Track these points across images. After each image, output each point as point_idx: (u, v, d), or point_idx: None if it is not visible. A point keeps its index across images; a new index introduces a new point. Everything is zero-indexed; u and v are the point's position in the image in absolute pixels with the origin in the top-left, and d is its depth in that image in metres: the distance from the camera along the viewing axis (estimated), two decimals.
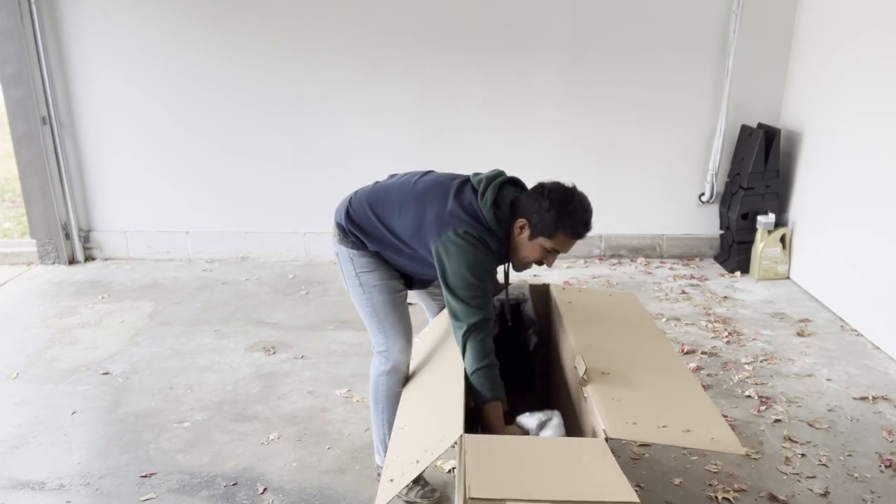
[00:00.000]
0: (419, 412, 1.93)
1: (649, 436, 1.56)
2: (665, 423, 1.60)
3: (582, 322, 2.13)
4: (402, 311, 2.15)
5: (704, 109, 4.39)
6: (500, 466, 1.47)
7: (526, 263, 1.97)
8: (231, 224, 4.65)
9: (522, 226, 1.90)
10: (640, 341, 2.08)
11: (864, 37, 3.50)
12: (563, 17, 4.22)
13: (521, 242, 1.92)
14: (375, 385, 2.18)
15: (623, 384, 1.78)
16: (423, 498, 2.23)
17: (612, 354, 1.94)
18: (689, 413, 1.67)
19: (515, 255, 1.96)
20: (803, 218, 4.11)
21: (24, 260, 4.63)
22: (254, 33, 4.29)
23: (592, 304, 2.31)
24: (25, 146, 4.40)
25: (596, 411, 1.64)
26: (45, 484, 2.38)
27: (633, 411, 1.65)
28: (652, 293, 4.04)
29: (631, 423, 1.59)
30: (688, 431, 1.57)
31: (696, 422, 1.62)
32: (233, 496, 2.30)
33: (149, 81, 4.40)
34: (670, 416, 1.64)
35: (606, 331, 2.11)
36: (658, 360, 1.97)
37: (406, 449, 1.72)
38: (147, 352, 3.35)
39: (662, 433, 1.57)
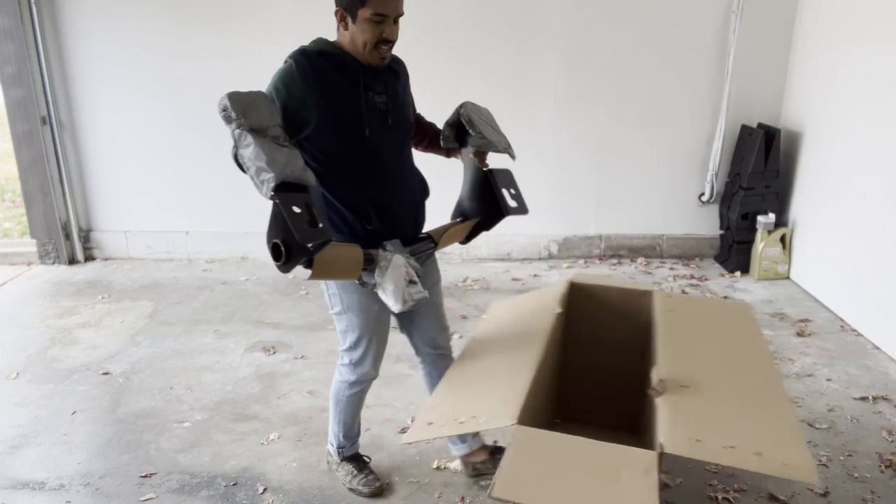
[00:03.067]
0: (483, 376, 1.88)
1: (712, 455, 1.45)
2: (734, 443, 1.48)
3: (678, 331, 2.03)
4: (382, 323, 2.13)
5: (704, 109, 4.39)
6: (534, 467, 1.45)
7: (373, 51, 1.85)
8: (231, 224, 4.65)
9: (341, 16, 1.85)
10: (736, 356, 1.94)
11: (864, 37, 3.50)
12: (563, 17, 4.23)
13: (351, 32, 1.84)
14: (337, 391, 2.27)
15: (700, 399, 1.67)
16: (364, 486, 2.29)
17: (699, 367, 1.82)
18: (767, 435, 1.54)
19: (356, 49, 1.86)
20: (803, 218, 4.11)
21: (24, 260, 4.63)
22: (254, 34, 4.29)
23: (697, 313, 2.19)
24: (25, 146, 4.40)
25: (661, 424, 1.56)
26: (45, 484, 2.38)
27: (702, 428, 1.54)
28: None
29: (694, 439, 1.49)
30: (759, 454, 1.45)
31: (771, 445, 1.50)
32: (233, 496, 2.30)
33: (149, 81, 4.40)
34: (744, 437, 1.52)
35: (701, 342, 1.99)
36: (751, 377, 1.82)
37: (456, 405, 1.72)
38: (147, 352, 3.35)
39: (727, 454, 1.45)
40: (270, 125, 1.61)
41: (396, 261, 1.81)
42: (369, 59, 1.87)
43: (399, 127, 2.01)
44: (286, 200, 1.56)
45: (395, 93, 1.98)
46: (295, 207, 1.56)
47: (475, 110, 2.09)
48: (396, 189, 1.99)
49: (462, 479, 2.37)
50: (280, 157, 1.58)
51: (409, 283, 1.79)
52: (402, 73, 2.06)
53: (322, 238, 1.58)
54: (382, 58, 1.88)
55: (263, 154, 1.57)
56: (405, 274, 1.80)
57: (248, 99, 1.61)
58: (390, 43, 1.86)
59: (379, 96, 1.92)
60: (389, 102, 1.95)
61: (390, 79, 1.98)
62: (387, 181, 1.97)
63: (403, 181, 2.04)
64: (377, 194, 1.95)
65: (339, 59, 1.87)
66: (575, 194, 4.54)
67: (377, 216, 1.94)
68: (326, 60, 1.86)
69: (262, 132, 1.60)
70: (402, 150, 2.06)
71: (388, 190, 1.97)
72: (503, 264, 4.55)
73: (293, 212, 1.55)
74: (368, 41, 1.83)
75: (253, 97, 1.63)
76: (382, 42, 1.84)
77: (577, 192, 4.54)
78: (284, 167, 1.58)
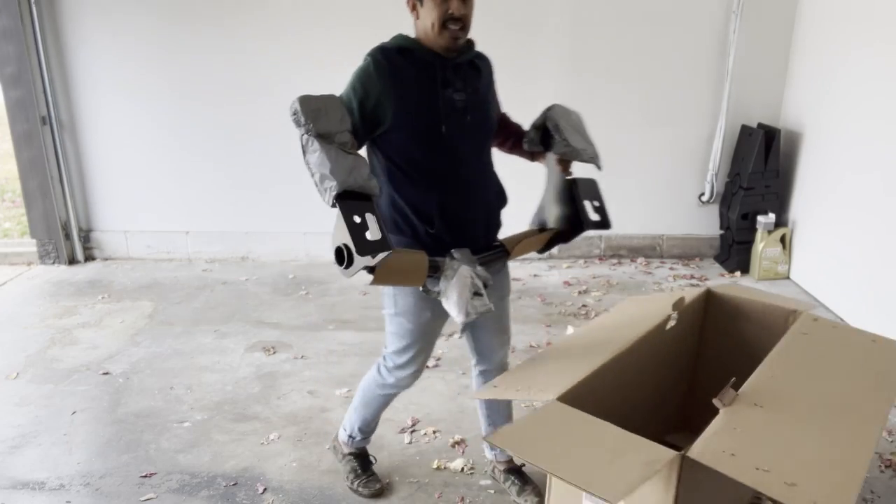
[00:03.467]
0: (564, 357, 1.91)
1: (737, 473, 1.37)
2: (771, 467, 1.38)
3: (795, 354, 1.88)
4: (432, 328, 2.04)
5: (704, 110, 4.39)
6: (540, 431, 1.47)
7: (442, 32, 1.76)
8: (231, 224, 4.66)
9: (412, 5, 1.80)
10: (847, 391, 1.74)
11: (864, 37, 3.50)
12: (563, 17, 4.23)
13: (422, 18, 1.79)
14: (369, 387, 2.21)
15: (767, 420, 1.56)
16: (364, 487, 2.29)
17: (790, 391, 1.69)
18: (818, 471, 1.41)
19: (429, 36, 1.79)
20: (803, 218, 4.11)
21: (24, 260, 4.63)
22: (255, 34, 4.29)
23: (834, 341, 2.00)
24: (25, 146, 4.40)
25: (706, 432, 1.49)
26: (45, 484, 2.38)
27: (745, 445, 1.45)
28: (652, 293, 4.04)
29: (729, 453, 1.42)
30: (792, 485, 1.34)
31: (816, 480, 1.37)
32: (233, 496, 2.30)
33: (149, 81, 4.40)
34: (787, 465, 1.40)
35: (814, 369, 1.82)
36: (847, 414, 1.63)
37: (524, 376, 1.81)
38: (147, 352, 3.35)
39: (754, 475, 1.36)
40: (339, 131, 1.60)
41: (462, 271, 1.75)
42: (441, 43, 1.79)
43: (478, 127, 1.91)
44: (347, 209, 1.55)
45: (475, 91, 1.89)
46: (356, 217, 1.55)
47: (563, 114, 1.99)
48: (467, 194, 1.91)
49: (462, 479, 2.38)
50: (345, 165, 1.57)
51: (475, 294, 1.73)
52: (485, 70, 1.96)
53: (380, 251, 1.56)
54: (454, 38, 1.78)
55: (328, 161, 1.56)
56: (471, 285, 1.74)
57: (319, 103, 1.60)
58: (460, 21, 1.76)
59: (458, 93, 1.84)
60: (469, 100, 1.86)
61: (471, 76, 1.89)
62: (458, 184, 1.88)
63: (477, 186, 1.94)
64: (445, 197, 1.87)
65: (417, 54, 1.81)
66: None
67: (442, 221, 1.87)
68: (405, 57, 1.81)
69: (330, 138, 1.59)
70: (479, 151, 1.96)
71: (457, 194, 1.88)
72: None
73: (353, 222, 1.54)
74: (436, 21, 1.75)
75: (324, 101, 1.62)
76: (451, 20, 1.75)
77: None
78: (348, 175, 1.56)
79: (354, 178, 1.57)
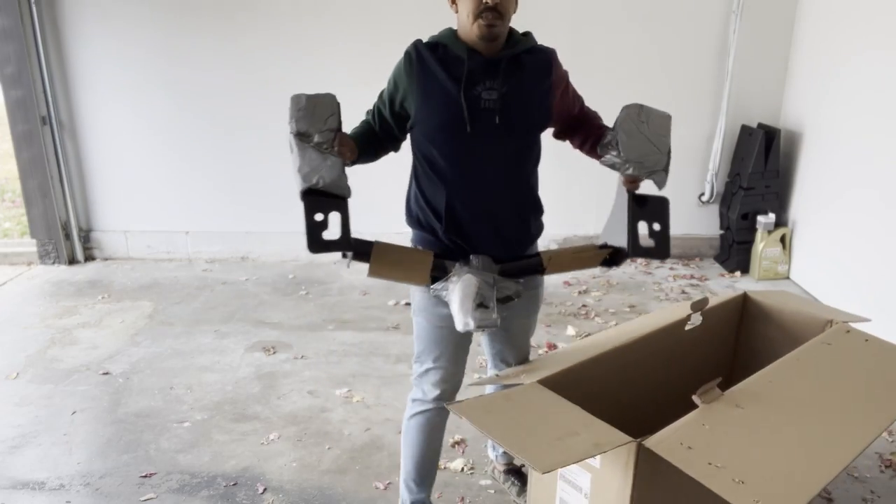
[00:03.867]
0: (569, 352, 1.95)
1: (686, 465, 1.37)
2: (725, 464, 1.38)
3: (807, 361, 1.84)
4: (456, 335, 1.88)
5: (704, 109, 4.39)
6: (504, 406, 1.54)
7: (477, 22, 1.67)
8: (231, 224, 4.66)
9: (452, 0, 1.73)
10: (847, 402, 1.70)
11: (864, 37, 3.49)
12: (562, 18, 4.23)
13: (459, 8, 1.71)
14: (405, 417, 2.03)
15: (739, 419, 1.54)
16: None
17: (780, 397, 1.66)
18: (776, 471, 1.39)
19: (463, 25, 1.72)
20: (803, 218, 4.11)
21: (24, 260, 4.63)
22: (255, 33, 4.29)
23: (856, 353, 1.93)
24: (25, 146, 4.40)
25: (673, 424, 1.50)
26: (45, 484, 2.38)
27: (707, 441, 1.44)
28: (652, 293, 4.04)
29: (686, 446, 1.42)
30: (739, 483, 1.33)
31: (768, 481, 1.36)
32: (233, 496, 2.30)
33: (149, 81, 4.40)
34: (742, 463, 1.39)
35: (820, 381, 1.77)
36: (838, 423, 1.60)
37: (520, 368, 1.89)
38: (147, 352, 3.35)
39: (704, 469, 1.36)
40: (320, 130, 1.60)
41: (468, 279, 1.67)
42: (476, 33, 1.68)
43: (512, 129, 1.74)
44: (310, 206, 1.59)
45: (514, 89, 1.73)
46: (318, 214, 1.59)
47: (636, 117, 1.78)
48: (484, 200, 1.78)
49: (462, 479, 2.38)
50: (313, 164, 1.59)
51: (479, 306, 1.65)
52: (536, 66, 1.79)
53: (336, 250, 1.60)
54: (490, 26, 1.66)
55: (297, 159, 1.60)
56: (474, 294, 1.65)
57: (309, 102, 1.60)
58: (495, 11, 1.65)
59: (488, 92, 1.71)
60: (503, 100, 1.71)
61: (511, 71, 1.74)
62: (474, 189, 1.77)
63: (498, 193, 1.79)
64: (455, 200, 1.78)
65: (449, 49, 1.74)
66: (575, 194, 4.54)
67: (450, 224, 1.79)
68: (437, 52, 1.75)
69: (308, 137, 1.60)
70: (512, 156, 1.79)
71: (471, 198, 1.78)
72: None
73: (313, 219, 1.58)
74: (471, 11, 1.66)
75: (315, 101, 1.61)
76: (486, 10, 1.65)
77: (577, 192, 4.54)
78: (311, 174, 1.58)
79: (322, 177, 1.59)
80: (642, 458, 1.45)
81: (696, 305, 2.05)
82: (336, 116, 1.63)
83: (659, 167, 1.77)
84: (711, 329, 2.21)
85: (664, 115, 1.82)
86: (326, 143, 1.61)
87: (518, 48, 1.77)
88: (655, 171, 1.76)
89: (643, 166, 1.75)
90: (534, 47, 1.81)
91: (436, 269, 1.74)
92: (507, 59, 1.74)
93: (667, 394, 2.09)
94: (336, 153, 1.62)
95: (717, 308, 2.22)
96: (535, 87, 1.78)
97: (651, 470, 1.48)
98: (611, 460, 1.53)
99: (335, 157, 1.62)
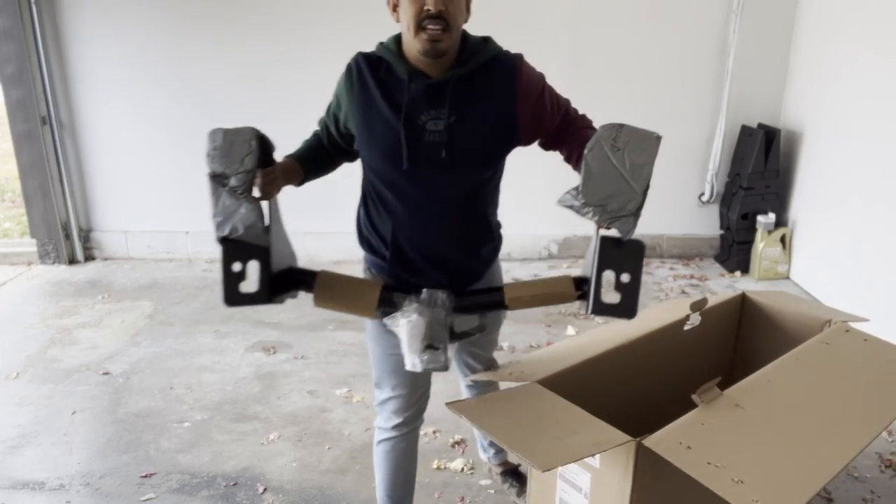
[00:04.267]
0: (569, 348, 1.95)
1: (685, 464, 1.36)
2: (724, 463, 1.37)
3: (807, 362, 1.83)
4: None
5: (704, 109, 4.39)
6: (504, 405, 1.55)
7: (419, 34, 1.45)
8: None
9: (393, 5, 1.52)
10: (846, 402, 1.68)
11: (864, 37, 3.49)
12: (562, 17, 4.23)
13: (400, 16, 1.50)
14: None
15: (739, 419, 1.54)
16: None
17: (780, 397, 1.64)
18: (775, 471, 1.39)
19: (405, 37, 1.51)
20: (803, 218, 4.11)
21: (24, 260, 4.63)
22: (255, 34, 4.29)
23: (855, 353, 1.92)
24: (25, 146, 4.40)
25: (673, 423, 1.49)
26: (45, 484, 2.38)
27: (706, 440, 1.44)
28: (652, 293, 4.04)
29: (685, 446, 1.41)
30: (738, 482, 1.32)
31: (767, 481, 1.35)
32: (233, 496, 2.30)
33: (149, 81, 4.40)
34: (741, 462, 1.39)
35: (820, 381, 1.75)
36: (835, 423, 1.59)
37: (519, 365, 1.87)
38: (147, 352, 3.35)
39: (703, 468, 1.35)
40: (236, 172, 1.42)
41: (415, 320, 1.53)
42: (419, 50, 1.46)
43: (461, 163, 1.53)
44: (228, 255, 1.46)
45: (464, 117, 1.51)
46: (236, 264, 1.46)
47: (609, 142, 1.41)
48: (430, 238, 1.64)
49: (462, 479, 2.38)
50: (225, 212, 1.43)
51: (427, 347, 1.52)
52: (496, 81, 1.53)
53: (251, 304, 1.47)
54: (433, 40, 1.43)
55: (211, 205, 1.44)
56: (423, 336, 1.52)
57: (225, 140, 1.44)
58: (440, 20, 1.42)
59: (433, 122, 1.50)
60: (449, 131, 1.50)
61: (462, 96, 1.51)
62: (419, 226, 1.63)
63: (448, 229, 1.64)
64: (400, 233, 1.64)
65: (391, 67, 1.54)
66: None
67: (395, 257, 1.67)
68: (378, 68, 1.55)
69: (222, 179, 1.44)
70: (458, 191, 1.60)
71: (415, 236, 1.64)
72: (504, 264, 4.52)
73: (230, 269, 1.46)
74: (412, 21, 1.43)
75: (232, 137, 1.44)
76: (429, 19, 1.42)
77: None
78: (224, 223, 1.43)
79: (234, 227, 1.42)
80: (642, 458, 1.46)
81: (696, 306, 2.05)
82: (253, 156, 1.44)
83: (626, 211, 1.45)
84: (710, 329, 2.21)
85: (649, 138, 1.42)
86: (241, 186, 1.43)
87: (471, 65, 1.51)
88: (621, 216, 1.44)
89: (605, 211, 1.43)
90: (493, 58, 1.55)
91: (385, 303, 1.58)
92: (456, 80, 1.50)
93: (665, 394, 2.10)
94: (251, 199, 1.43)
95: (715, 308, 2.22)
96: (491, 109, 1.53)
97: (650, 469, 1.49)
98: (610, 460, 1.53)
99: (250, 203, 1.43)
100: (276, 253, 1.51)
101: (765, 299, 2.31)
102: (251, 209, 1.44)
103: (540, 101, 1.60)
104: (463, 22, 1.52)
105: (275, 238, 1.52)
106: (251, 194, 1.44)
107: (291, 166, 1.69)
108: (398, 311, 1.55)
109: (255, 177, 1.45)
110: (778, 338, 2.22)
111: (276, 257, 1.50)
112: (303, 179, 1.71)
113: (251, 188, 1.45)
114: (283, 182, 1.59)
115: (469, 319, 1.62)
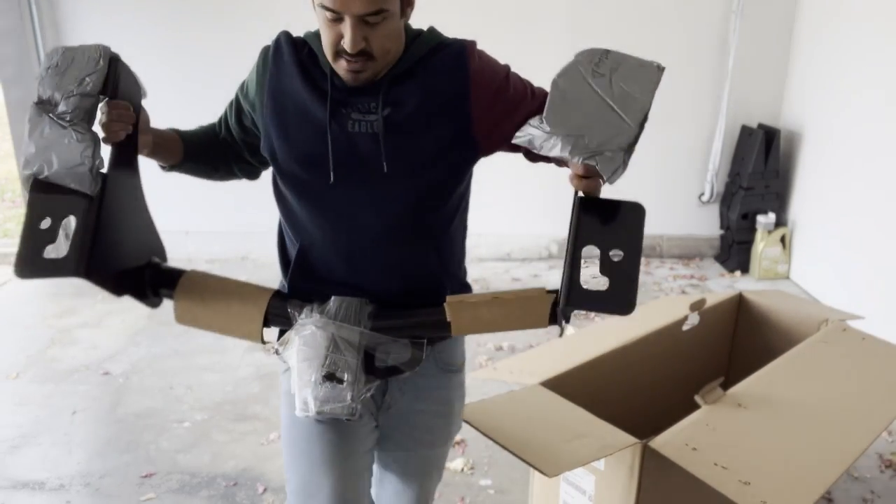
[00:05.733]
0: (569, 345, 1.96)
1: (693, 466, 1.35)
2: (730, 465, 1.35)
3: (806, 361, 1.82)
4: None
5: (704, 109, 4.39)
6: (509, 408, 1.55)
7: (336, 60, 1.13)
8: (231, 223, 4.65)
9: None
10: (848, 401, 1.67)
11: (864, 37, 3.50)
12: (562, 17, 4.22)
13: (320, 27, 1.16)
14: None
15: (743, 419, 1.53)
16: None
17: (782, 397, 1.64)
18: (782, 472, 1.38)
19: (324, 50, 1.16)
20: (803, 218, 4.11)
21: None
22: (256, 32, 4.28)
23: (854, 352, 1.91)
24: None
25: (677, 424, 1.49)
26: (45, 484, 2.38)
27: (712, 441, 1.43)
28: (652, 293, 4.04)
29: (691, 447, 1.40)
30: (745, 484, 1.31)
31: (774, 482, 1.34)
32: (233, 496, 2.30)
33: (148, 81, 4.36)
34: (747, 463, 1.38)
35: (820, 380, 1.75)
36: (838, 423, 1.58)
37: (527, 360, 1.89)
38: (147, 352, 3.35)
39: (709, 470, 1.34)
40: (70, 95, 1.07)
41: (312, 337, 1.11)
42: (342, 75, 1.16)
43: (403, 172, 1.17)
44: (34, 207, 1.07)
45: (401, 111, 1.16)
46: (45, 220, 1.07)
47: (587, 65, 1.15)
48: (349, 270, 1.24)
49: (462, 479, 2.37)
50: (41, 142, 1.06)
51: (327, 376, 1.08)
52: (436, 73, 1.19)
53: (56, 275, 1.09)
54: (353, 72, 1.13)
55: (26, 135, 1.07)
56: (325, 359, 1.09)
57: (64, 57, 1.09)
58: (360, 57, 1.10)
59: (364, 121, 1.16)
60: (386, 131, 1.16)
61: (405, 89, 1.17)
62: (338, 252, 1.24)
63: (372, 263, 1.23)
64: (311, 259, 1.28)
65: (313, 53, 1.22)
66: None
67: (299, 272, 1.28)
68: (303, 53, 1.22)
69: (51, 105, 1.07)
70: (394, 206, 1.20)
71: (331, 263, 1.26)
72: (503, 264, 4.55)
73: (35, 226, 1.07)
74: (329, 47, 1.13)
75: (74, 53, 1.10)
76: (343, 52, 1.11)
77: None
78: (35, 157, 1.06)
79: (47, 161, 1.05)
80: (648, 460, 1.46)
81: (694, 305, 2.05)
82: (97, 76, 1.09)
83: (612, 146, 1.08)
84: (707, 329, 2.22)
85: (645, 66, 1.17)
86: (72, 112, 1.06)
87: (407, 61, 1.19)
88: (602, 151, 1.07)
89: (579, 143, 1.06)
90: (435, 48, 1.22)
91: (278, 317, 1.17)
92: (391, 75, 1.18)
93: (664, 394, 2.10)
94: (82, 129, 1.07)
95: (712, 308, 2.22)
96: (435, 102, 1.18)
97: (656, 471, 1.48)
98: (615, 462, 1.52)
99: (79, 133, 1.06)
100: (127, 234, 1.12)
101: (761, 299, 2.31)
102: (79, 141, 1.06)
103: (501, 94, 1.23)
104: (397, 41, 1.17)
105: (126, 213, 1.13)
106: (85, 125, 1.08)
107: (169, 135, 1.33)
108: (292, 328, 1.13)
109: (95, 105, 1.09)
110: (775, 337, 2.23)
111: (127, 242, 1.12)
112: (181, 161, 1.34)
113: (88, 119, 1.08)
114: (148, 139, 1.23)
115: (396, 348, 1.14)
